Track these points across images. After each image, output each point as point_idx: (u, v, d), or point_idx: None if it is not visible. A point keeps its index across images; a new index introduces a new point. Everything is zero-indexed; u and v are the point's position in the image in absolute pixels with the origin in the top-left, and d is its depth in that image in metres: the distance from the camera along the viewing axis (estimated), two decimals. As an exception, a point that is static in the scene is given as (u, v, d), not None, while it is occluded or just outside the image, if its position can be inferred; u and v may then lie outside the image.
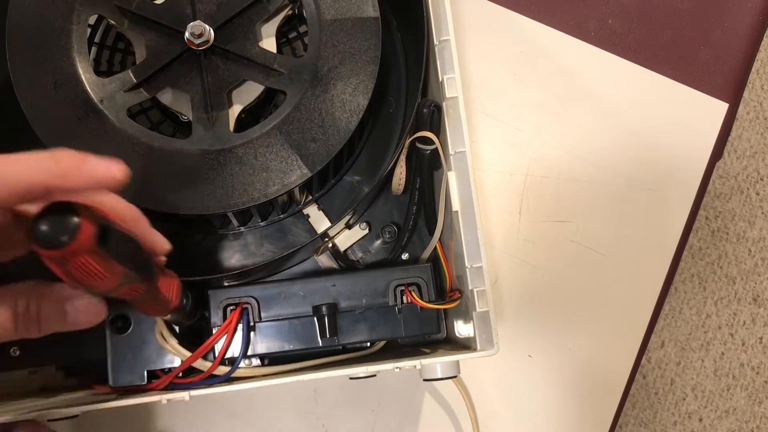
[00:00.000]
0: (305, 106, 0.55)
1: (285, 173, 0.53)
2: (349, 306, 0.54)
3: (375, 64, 0.56)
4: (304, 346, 0.53)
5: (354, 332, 0.53)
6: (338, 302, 0.54)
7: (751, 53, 0.78)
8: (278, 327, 0.53)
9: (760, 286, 1.55)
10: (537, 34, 0.76)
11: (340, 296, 0.54)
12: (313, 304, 0.53)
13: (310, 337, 0.53)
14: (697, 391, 1.52)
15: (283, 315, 0.53)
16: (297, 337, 0.53)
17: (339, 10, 0.57)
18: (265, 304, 0.53)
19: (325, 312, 0.53)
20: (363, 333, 0.54)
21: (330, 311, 0.53)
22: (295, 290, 0.54)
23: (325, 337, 0.53)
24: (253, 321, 0.53)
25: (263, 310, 0.53)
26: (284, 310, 0.53)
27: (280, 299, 0.53)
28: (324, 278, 0.54)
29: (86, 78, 0.54)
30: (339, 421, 0.68)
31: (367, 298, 0.54)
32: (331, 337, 0.53)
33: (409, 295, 0.54)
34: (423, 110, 0.57)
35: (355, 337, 0.53)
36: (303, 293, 0.54)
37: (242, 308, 0.52)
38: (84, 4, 0.55)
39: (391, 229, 0.62)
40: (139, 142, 0.53)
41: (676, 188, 0.74)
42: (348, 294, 0.54)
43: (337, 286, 0.54)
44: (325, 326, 0.53)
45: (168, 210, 0.52)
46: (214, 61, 0.56)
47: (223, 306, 0.52)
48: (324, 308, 0.53)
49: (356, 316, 0.54)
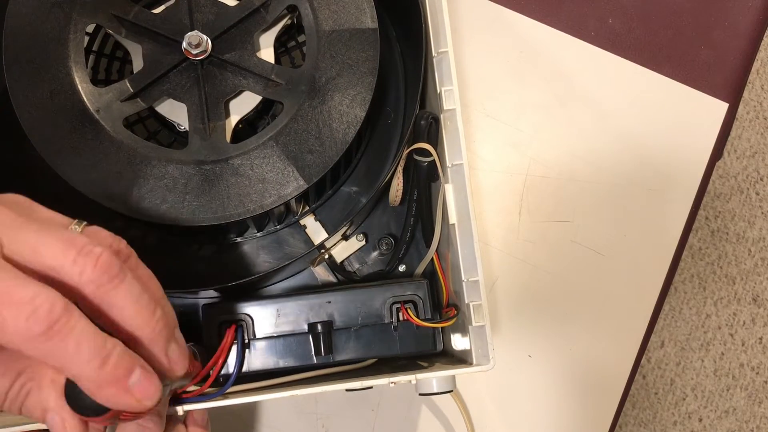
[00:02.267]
0: (302, 117, 0.55)
1: (281, 184, 0.53)
2: (345, 323, 0.53)
3: (373, 76, 0.56)
4: (298, 363, 0.53)
5: (349, 350, 0.53)
6: (334, 319, 0.53)
7: (751, 53, 0.78)
8: (273, 344, 0.53)
9: (760, 286, 1.55)
10: (537, 34, 0.76)
11: (335, 313, 0.54)
12: (308, 321, 0.53)
13: (305, 354, 0.53)
14: (697, 391, 1.52)
15: (277, 332, 0.53)
16: (292, 355, 0.53)
17: (337, 21, 0.56)
18: (259, 321, 0.53)
19: (321, 330, 0.53)
20: (358, 350, 0.53)
21: (325, 329, 0.53)
22: (290, 307, 0.53)
23: (320, 355, 0.53)
24: (247, 338, 0.52)
25: (258, 327, 0.53)
26: (279, 327, 0.53)
27: (275, 316, 0.53)
28: (319, 295, 0.54)
29: (83, 88, 0.54)
30: (339, 421, 0.68)
31: (363, 315, 0.54)
32: (326, 354, 0.53)
33: (405, 313, 0.53)
34: (421, 122, 0.57)
35: (351, 355, 0.53)
36: (298, 310, 0.53)
37: (237, 326, 0.52)
38: (81, 13, 0.55)
39: (388, 240, 0.62)
40: (135, 153, 0.53)
41: (676, 188, 0.74)
42: (343, 311, 0.53)
43: (333, 303, 0.54)
44: (320, 344, 0.52)
45: (163, 221, 0.52)
46: (211, 72, 0.56)
47: (217, 323, 0.52)
48: (319, 326, 0.53)
49: (352, 333, 0.53)
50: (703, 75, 0.76)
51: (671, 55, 0.76)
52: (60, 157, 0.52)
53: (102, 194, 0.52)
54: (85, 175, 0.52)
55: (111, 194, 0.52)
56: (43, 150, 0.52)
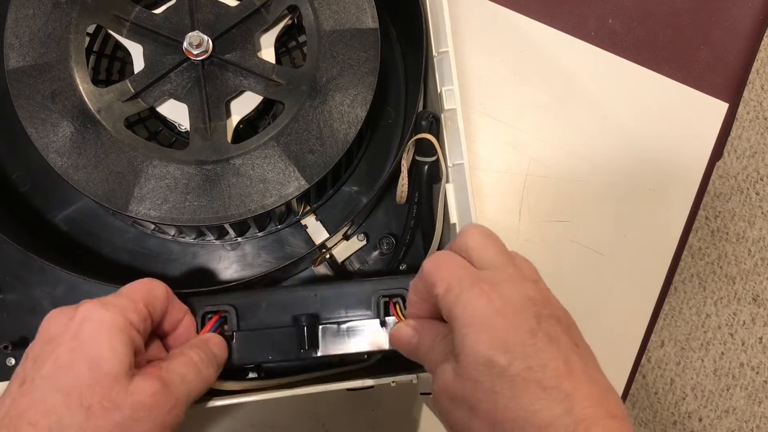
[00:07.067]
0: (303, 117, 0.55)
1: (283, 184, 0.53)
2: (331, 317, 0.52)
3: (374, 76, 0.56)
4: (282, 357, 0.51)
5: (334, 344, 0.51)
6: (319, 313, 0.52)
7: (751, 53, 0.78)
8: (256, 337, 0.51)
9: (760, 286, 1.55)
10: (537, 34, 0.76)
11: (321, 307, 0.52)
12: (293, 314, 0.51)
13: (288, 348, 0.51)
14: (697, 391, 1.52)
15: (262, 324, 0.51)
16: (275, 348, 0.51)
17: (338, 21, 0.56)
18: (244, 312, 0.51)
19: (305, 323, 0.50)
20: (344, 345, 0.51)
21: (309, 322, 0.51)
22: (275, 299, 0.51)
23: (304, 349, 0.51)
24: (231, 330, 0.51)
25: (242, 318, 0.51)
26: (264, 319, 0.51)
27: (261, 308, 0.51)
28: (306, 288, 0.52)
29: (84, 88, 0.54)
30: (339, 421, 0.68)
31: (350, 309, 0.52)
32: (310, 348, 0.51)
33: (392, 309, 0.51)
34: (421, 122, 0.57)
35: (336, 350, 0.51)
36: (284, 303, 0.51)
37: (219, 317, 0.50)
38: (82, 14, 0.55)
39: (389, 240, 0.61)
40: (137, 153, 0.53)
41: (676, 188, 0.74)
42: (330, 305, 0.51)
43: (319, 296, 0.52)
44: (304, 337, 0.51)
45: (165, 222, 0.52)
46: (212, 72, 0.56)
47: (201, 314, 0.50)
48: (303, 318, 0.51)
49: (338, 327, 0.51)
50: (703, 75, 0.76)
51: (671, 55, 0.76)
52: (61, 157, 0.52)
53: (103, 195, 0.52)
54: (87, 176, 0.52)
55: (112, 194, 0.52)
56: (44, 150, 0.52)
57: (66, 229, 0.61)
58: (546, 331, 0.39)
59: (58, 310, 0.43)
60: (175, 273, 0.60)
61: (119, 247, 0.61)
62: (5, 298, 0.59)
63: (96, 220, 0.61)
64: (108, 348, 0.40)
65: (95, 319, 0.41)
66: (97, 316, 0.41)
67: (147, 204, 0.52)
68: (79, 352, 0.40)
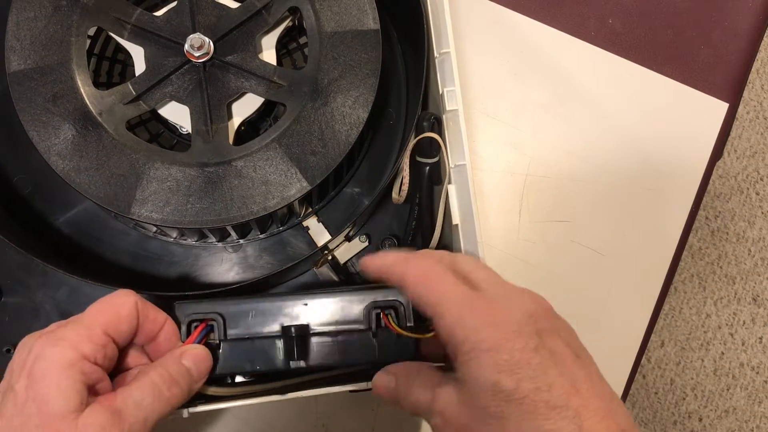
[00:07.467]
0: (305, 119, 0.55)
1: (284, 186, 0.53)
2: (321, 327, 0.50)
3: (375, 77, 0.56)
4: (269, 368, 0.49)
5: (324, 355, 0.49)
6: (309, 323, 0.50)
7: (751, 53, 0.78)
8: (244, 346, 0.49)
9: (760, 286, 1.55)
10: (537, 34, 0.76)
11: (312, 317, 0.50)
12: (282, 324, 0.49)
13: (276, 358, 0.49)
14: (697, 391, 1.52)
15: (249, 334, 0.49)
16: (262, 358, 0.49)
17: (339, 22, 0.56)
18: (232, 321, 0.49)
19: (294, 333, 0.49)
20: (334, 356, 0.49)
21: (298, 332, 0.49)
22: (264, 308, 0.50)
23: (293, 359, 0.49)
24: (218, 339, 0.49)
25: (230, 327, 0.49)
26: (252, 328, 0.49)
27: (249, 317, 0.49)
28: (296, 297, 0.50)
29: (85, 91, 0.54)
30: (339, 421, 0.68)
31: (341, 319, 0.50)
32: (299, 359, 0.49)
33: (385, 320, 0.50)
34: (423, 123, 0.57)
35: (326, 361, 0.49)
36: (273, 312, 0.50)
37: (206, 325, 0.49)
38: (83, 16, 0.55)
39: (391, 241, 0.61)
40: (138, 155, 0.53)
41: (676, 188, 0.74)
42: (320, 315, 0.50)
43: (310, 306, 0.50)
44: (293, 348, 0.49)
45: (167, 224, 0.52)
46: (213, 74, 0.56)
47: (187, 321, 0.48)
48: (293, 329, 0.49)
49: (327, 338, 0.50)
50: (703, 75, 0.76)
51: (671, 55, 0.76)
52: (63, 160, 0.52)
53: (105, 197, 0.52)
54: (89, 178, 0.52)
55: (114, 197, 0.52)
56: (46, 153, 0.52)
57: (68, 232, 0.61)
58: (549, 347, 0.39)
59: (26, 339, 0.42)
60: (177, 275, 0.60)
61: (121, 249, 0.60)
62: (7, 301, 0.59)
63: (98, 222, 0.61)
64: (55, 387, 0.39)
65: (46, 356, 0.40)
66: (47, 353, 0.40)
67: (149, 206, 0.52)
68: (30, 390, 0.39)
